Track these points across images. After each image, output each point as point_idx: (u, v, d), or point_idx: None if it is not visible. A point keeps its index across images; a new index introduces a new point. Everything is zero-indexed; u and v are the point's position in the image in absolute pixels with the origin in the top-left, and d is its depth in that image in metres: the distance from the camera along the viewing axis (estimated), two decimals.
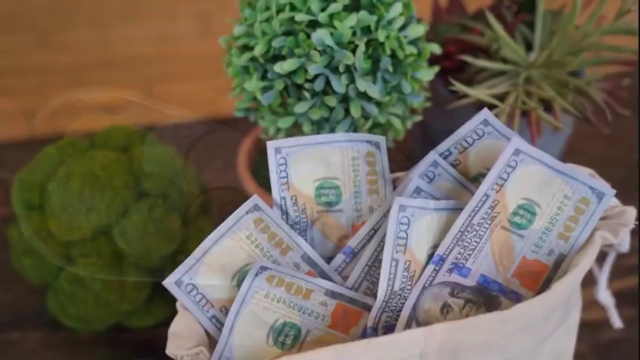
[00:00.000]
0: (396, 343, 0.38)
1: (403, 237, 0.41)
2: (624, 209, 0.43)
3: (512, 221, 0.42)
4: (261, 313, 0.42)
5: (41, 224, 0.54)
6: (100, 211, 0.53)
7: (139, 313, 0.57)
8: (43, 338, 0.62)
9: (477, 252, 0.41)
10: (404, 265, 0.41)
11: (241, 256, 0.43)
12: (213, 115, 0.86)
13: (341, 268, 0.44)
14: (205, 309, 0.42)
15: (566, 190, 0.42)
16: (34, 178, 0.56)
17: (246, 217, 0.43)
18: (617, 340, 0.63)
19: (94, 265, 0.53)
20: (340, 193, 0.45)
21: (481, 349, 0.39)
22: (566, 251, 0.42)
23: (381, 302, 0.41)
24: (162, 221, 0.54)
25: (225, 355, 0.41)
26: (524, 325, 0.39)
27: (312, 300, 0.42)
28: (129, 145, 0.58)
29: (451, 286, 0.42)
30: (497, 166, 0.41)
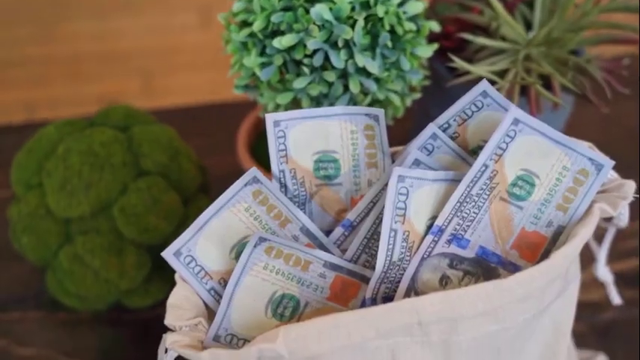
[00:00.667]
0: (394, 312, 0.38)
1: (402, 207, 0.41)
2: (623, 182, 0.43)
3: (511, 192, 0.42)
4: (260, 285, 0.42)
5: (40, 202, 0.54)
6: (98, 189, 0.53)
7: (138, 292, 0.57)
8: (42, 318, 0.62)
9: (475, 223, 0.41)
10: (402, 235, 0.41)
11: (240, 229, 0.43)
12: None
13: (340, 241, 0.44)
14: (204, 281, 0.43)
15: (565, 162, 0.42)
16: (33, 157, 0.56)
17: (245, 190, 0.43)
18: (617, 321, 0.63)
19: (92, 242, 0.53)
20: (339, 166, 0.45)
21: (480, 319, 0.39)
22: (564, 223, 0.42)
23: (380, 273, 0.41)
24: (161, 199, 0.54)
25: (224, 327, 0.41)
26: (523, 294, 0.39)
27: (311, 272, 0.42)
28: (128, 124, 0.58)
29: (450, 257, 0.42)
30: (495, 136, 0.40)
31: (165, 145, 0.56)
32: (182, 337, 0.40)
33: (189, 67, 1.68)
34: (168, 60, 1.72)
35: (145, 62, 1.70)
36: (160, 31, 1.72)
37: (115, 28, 1.72)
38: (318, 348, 0.39)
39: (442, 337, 0.39)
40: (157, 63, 1.72)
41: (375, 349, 0.40)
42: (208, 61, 1.57)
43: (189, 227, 0.42)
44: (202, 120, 0.82)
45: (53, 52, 1.70)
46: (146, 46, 1.73)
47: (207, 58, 1.67)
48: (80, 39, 1.70)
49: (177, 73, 1.68)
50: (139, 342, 0.61)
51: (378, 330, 0.38)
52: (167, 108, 0.82)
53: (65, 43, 1.71)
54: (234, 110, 0.80)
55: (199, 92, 1.38)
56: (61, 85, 1.68)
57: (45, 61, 1.67)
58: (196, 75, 1.64)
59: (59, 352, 0.60)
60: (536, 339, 0.44)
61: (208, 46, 1.62)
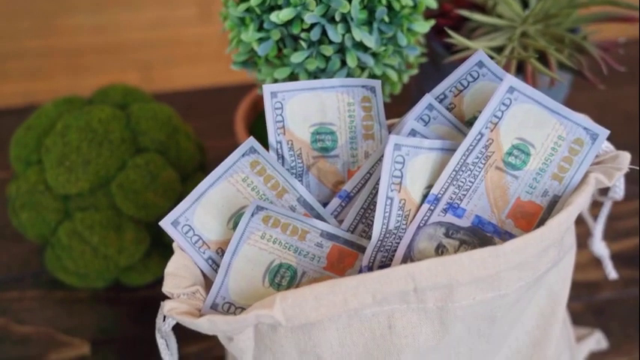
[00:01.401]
0: (390, 277, 0.38)
1: (398, 175, 0.41)
2: (618, 153, 0.44)
3: (506, 161, 0.42)
4: (257, 254, 0.42)
5: (39, 178, 0.54)
6: (97, 165, 0.53)
7: (137, 269, 0.57)
8: (41, 297, 0.62)
9: (471, 192, 0.42)
10: (399, 203, 0.41)
11: (238, 199, 0.43)
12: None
13: (336, 212, 0.45)
14: (201, 250, 0.43)
15: (560, 131, 0.42)
16: (32, 134, 0.56)
17: (243, 160, 0.44)
18: (613, 300, 0.63)
19: (91, 219, 0.54)
20: (336, 138, 0.45)
21: (475, 285, 0.39)
22: (560, 192, 0.42)
23: (376, 241, 0.41)
24: (159, 176, 0.54)
25: (221, 295, 0.42)
26: (518, 261, 0.39)
27: (308, 241, 0.42)
28: (126, 102, 0.58)
29: (446, 226, 0.42)
30: (491, 104, 0.41)
31: (163, 122, 0.56)
32: (180, 305, 0.40)
33: (189, 60, 1.68)
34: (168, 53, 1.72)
35: (144, 55, 1.70)
36: (159, 25, 1.72)
37: (115, 21, 1.72)
38: (315, 314, 0.39)
39: (438, 304, 0.39)
40: (157, 56, 1.72)
41: (371, 316, 0.40)
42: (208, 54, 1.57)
43: (186, 197, 0.43)
44: (201, 104, 0.82)
45: (53, 45, 1.70)
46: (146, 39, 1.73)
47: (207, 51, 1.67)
48: (80, 32, 1.70)
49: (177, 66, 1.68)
50: (137, 320, 0.61)
51: (375, 296, 0.39)
52: (166, 92, 0.83)
53: (65, 35, 1.71)
54: (233, 94, 0.81)
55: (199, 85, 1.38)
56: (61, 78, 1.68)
57: (44, 54, 1.67)
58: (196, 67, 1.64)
59: (57, 329, 0.60)
60: (532, 309, 0.44)
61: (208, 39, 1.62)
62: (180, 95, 0.84)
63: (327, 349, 0.41)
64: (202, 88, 0.85)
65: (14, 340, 0.60)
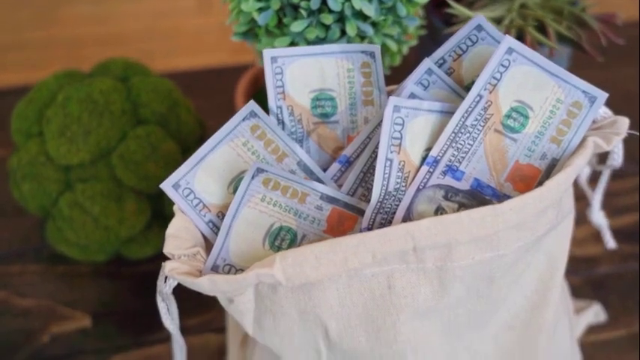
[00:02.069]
0: (390, 236, 0.38)
1: (397, 137, 0.41)
2: (616, 119, 0.44)
3: (505, 124, 0.42)
4: (258, 217, 0.42)
5: (40, 149, 0.55)
6: (98, 135, 0.53)
7: (138, 241, 0.58)
8: (42, 271, 0.63)
9: (470, 155, 0.42)
10: (398, 165, 0.41)
11: (238, 163, 0.44)
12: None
13: (336, 177, 0.45)
14: (202, 213, 0.43)
15: (559, 94, 0.42)
16: (33, 107, 0.56)
17: (243, 124, 0.44)
18: (612, 275, 0.63)
19: (92, 189, 0.54)
20: (336, 104, 0.46)
21: (474, 245, 0.39)
22: (558, 155, 0.42)
23: (376, 202, 0.41)
24: (159, 147, 0.55)
25: (222, 257, 0.42)
26: (517, 221, 0.39)
27: (308, 204, 0.43)
28: (127, 75, 0.58)
29: (445, 189, 0.42)
30: (490, 65, 0.41)
31: (163, 95, 0.57)
32: (181, 265, 0.40)
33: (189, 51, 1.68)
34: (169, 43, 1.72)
35: (145, 45, 1.70)
36: (159, 16, 1.73)
37: (115, 12, 1.72)
38: (315, 274, 0.39)
39: (437, 263, 0.40)
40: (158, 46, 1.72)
41: (371, 276, 0.40)
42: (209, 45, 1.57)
43: (187, 160, 0.43)
44: (201, 84, 0.83)
45: (53, 36, 1.70)
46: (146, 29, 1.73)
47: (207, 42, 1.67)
48: (80, 23, 1.70)
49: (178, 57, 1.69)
50: (138, 294, 0.61)
51: (374, 256, 0.39)
52: (167, 72, 0.83)
53: (65, 26, 1.71)
54: (233, 75, 0.81)
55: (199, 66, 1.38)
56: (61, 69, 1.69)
57: (45, 45, 1.67)
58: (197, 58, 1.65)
59: (59, 302, 0.61)
60: (530, 273, 0.45)
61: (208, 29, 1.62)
62: (180, 76, 0.84)
63: (327, 310, 0.41)
64: (202, 69, 0.85)
65: (15, 313, 0.60)
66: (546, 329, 0.46)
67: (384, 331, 0.41)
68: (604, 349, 0.58)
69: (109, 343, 0.59)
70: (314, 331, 0.42)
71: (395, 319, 0.41)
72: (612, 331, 0.59)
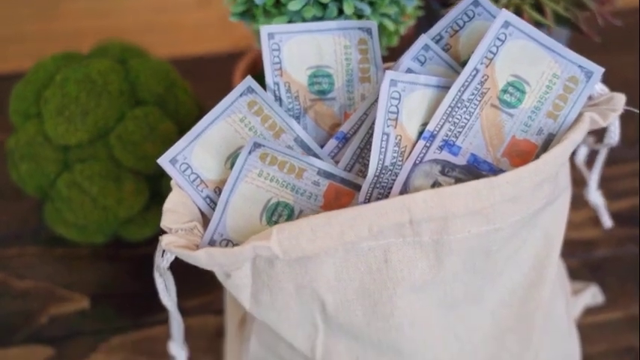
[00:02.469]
0: (386, 209, 0.39)
1: (394, 111, 0.41)
2: (613, 95, 0.44)
3: (501, 99, 0.42)
4: (255, 192, 0.42)
5: (38, 130, 0.55)
6: (96, 115, 0.54)
7: (136, 222, 0.58)
8: (40, 253, 0.63)
9: (467, 129, 0.42)
10: (395, 139, 0.41)
11: (235, 139, 0.44)
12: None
13: (333, 153, 0.45)
14: (199, 189, 0.43)
15: (555, 69, 0.42)
16: (31, 87, 0.56)
17: (240, 100, 0.44)
18: (609, 258, 0.63)
19: (91, 169, 0.54)
20: (333, 81, 0.46)
21: (470, 217, 0.39)
22: (555, 130, 0.42)
23: (372, 177, 0.41)
24: (157, 128, 0.55)
25: (219, 232, 0.42)
26: (513, 194, 0.39)
27: (305, 179, 0.43)
28: (125, 57, 0.58)
29: (442, 164, 0.42)
30: (486, 39, 0.41)
31: (161, 75, 0.57)
32: (178, 239, 0.40)
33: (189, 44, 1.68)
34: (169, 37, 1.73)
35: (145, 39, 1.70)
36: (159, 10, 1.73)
37: (116, 6, 1.72)
38: (312, 247, 0.39)
39: (433, 237, 0.40)
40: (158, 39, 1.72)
41: (367, 250, 0.40)
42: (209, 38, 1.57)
43: (184, 135, 0.43)
44: (200, 69, 0.83)
45: (54, 29, 1.71)
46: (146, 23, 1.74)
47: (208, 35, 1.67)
48: (81, 16, 1.70)
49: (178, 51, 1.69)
50: (136, 276, 0.62)
51: (371, 229, 0.39)
52: (165, 58, 0.83)
53: (66, 20, 1.72)
54: (232, 61, 0.81)
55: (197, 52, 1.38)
56: None
57: (46, 38, 1.68)
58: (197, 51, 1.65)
59: (57, 284, 0.61)
60: (527, 249, 0.45)
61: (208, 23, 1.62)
62: (179, 62, 0.84)
63: (323, 284, 0.41)
64: (200, 55, 0.85)
65: (14, 294, 0.60)
66: (543, 306, 0.46)
67: (380, 305, 0.41)
68: (601, 331, 0.58)
69: (107, 324, 0.59)
70: (311, 305, 0.42)
71: (391, 293, 0.41)
72: (610, 312, 0.59)
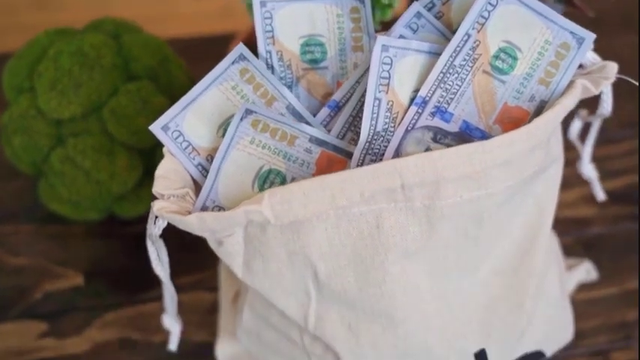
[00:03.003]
0: (378, 173, 0.39)
1: (386, 77, 0.41)
2: (605, 64, 0.44)
3: (493, 65, 0.42)
4: (247, 159, 0.42)
5: (31, 104, 0.55)
6: (89, 88, 0.53)
7: (130, 198, 0.58)
8: (34, 231, 0.63)
9: (459, 96, 0.42)
10: (386, 105, 0.41)
11: (227, 107, 0.44)
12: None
13: (326, 122, 0.45)
14: (191, 156, 0.43)
15: (547, 35, 0.42)
16: (24, 62, 0.56)
17: (232, 68, 0.44)
18: (604, 235, 0.63)
19: (84, 143, 0.54)
20: (325, 50, 0.46)
21: (462, 182, 0.39)
22: (547, 97, 0.42)
23: (364, 143, 0.41)
24: (150, 102, 0.55)
25: (211, 198, 0.42)
26: (504, 159, 0.39)
27: (297, 147, 0.43)
28: (118, 33, 0.58)
29: (434, 130, 0.42)
30: (477, 3, 0.41)
31: (154, 50, 0.57)
32: (170, 205, 0.40)
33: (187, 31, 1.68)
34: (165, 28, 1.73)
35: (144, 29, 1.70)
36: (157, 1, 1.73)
37: None
38: (304, 211, 0.39)
39: (425, 202, 0.40)
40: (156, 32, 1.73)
41: (359, 215, 0.40)
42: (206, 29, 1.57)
43: (176, 103, 0.43)
44: (194, 50, 0.82)
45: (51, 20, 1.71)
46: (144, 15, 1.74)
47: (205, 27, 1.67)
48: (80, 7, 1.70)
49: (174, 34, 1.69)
50: (130, 253, 0.62)
51: (362, 193, 0.39)
52: None
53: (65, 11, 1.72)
54: (226, 42, 0.81)
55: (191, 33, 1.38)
56: None
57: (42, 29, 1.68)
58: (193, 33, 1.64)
59: (51, 261, 0.61)
60: (519, 218, 0.45)
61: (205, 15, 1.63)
62: (173, 42, 0.84)
63: (315, 250, 0.41)
64: (195, 36, 0.85)
65: (8, 271, 0.60)
66: (535, 275, 0.46)
67: (372, 271, 0.41)
68: (595, 306, 0.58)
69: (101, 300, 0.59)
70: (303, 272, 0.42)
71: (383, 259, 0.41)
72: (604, 288, 0.59)
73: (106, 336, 0.57)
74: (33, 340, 0.56)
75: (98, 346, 0.56)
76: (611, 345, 0.56)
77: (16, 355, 0.55)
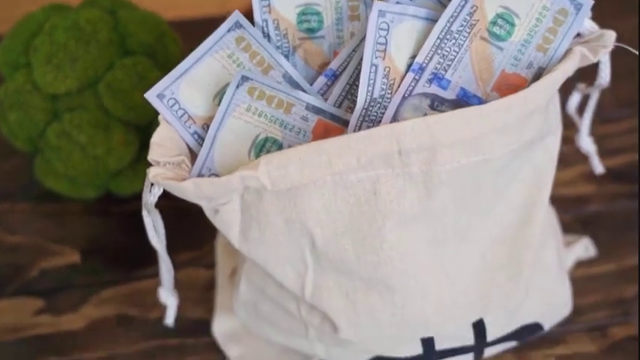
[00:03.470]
0: (374, 137, 0.38)
1: (382, 42, 0.41)
2: (603, 32, 0.44)
3: (491, 31, 0.42)
4: (243, 127, 0.42)
5: (27, 79, 0.54)
6: (85, 63, 0.53)
7: (126, 175, 0.57)
8: (31, 209, 0.63)
9: (456, 62, 0.42)
10: (383, 71, 0.41)
11: (223, 75, 0.44)
12: None
13: (322, 91, 0.45)
14: (187, 125, 0.43)
15: (545, 1, 0.42)
16: (20, 38, 0.56)
17: (228, 36, 0.44)
18: (602, 213, 0.63)
19: (80, 118, 0.54)
20: (322, 19, 0.45)
21: (459, 147, 0.39)
22: (544, 64, 0.42)
23: (361, 109, 0.41)
24: (147, 77, 0.54)
25: (207, 166, 0.42)
26: (502, 124, 0.39)
27: (294, 114, 0.42)
28: (114, 9, 0.58)
29: (431, 97, 0.42)
30: None
31: (151, 26, 0.56)
32: (166, 171, 0.40)
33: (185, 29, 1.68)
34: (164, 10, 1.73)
35: None
36: None
37: None
38: (300, 177, 0.39)
39: (422, 167, 0.40)
40: None
41: (356, 182, 0.40)
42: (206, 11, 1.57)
43: (172, 71, 0.43)
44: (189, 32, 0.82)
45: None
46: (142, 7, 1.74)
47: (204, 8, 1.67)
48: None
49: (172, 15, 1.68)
50: (127, 231, 0.61)
51: (359, 159, 0.39)
52: None
53: None
54: None
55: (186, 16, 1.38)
56: None
57: None
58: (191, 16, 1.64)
59: (47, 239, 0.61)
60: (517, 186, 0.44)
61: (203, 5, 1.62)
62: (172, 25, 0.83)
63: (312, 217, 0.41)
64: (193, 19, 0.84)
65: (4, 248, 0.60)
66: (533, 245, 0.46)
67: (369, 238, 0.41)
68: (594, 283, 0.58)
69: (98, 277, 0.59)
70: (300, 240, 0.42)
71: (380, 225, 0.41)
72: (602, 265, 0.59)
73: (102, 312, 0.56)
74: (29, 317, 0.56)
75: (94, 323, 0.56)
76: (610, 320, 0.56)
77: (12, 331, 0.55)
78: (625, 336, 0.55)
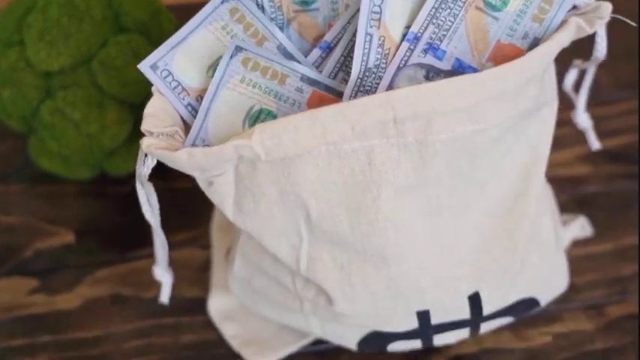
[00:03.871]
0: (369, 105, 0.38)
1: (377, 12, 0.41)
2: (600, 4, 0.43)
3: (486, 1, 0.42)
4: (237, 99, 0.42)
5: (20, 56, 0.54)
6: (78, 40, 0.53)
7: (121, 154, 0.57)
8: (25, 191, 0.62)
9: (451, 33, 0.42)
10: (378, 40, 0.41)
11: (217, 47, 0.43)
12: None
13: (317, 63, 0.44)
14: (181, 96, 0.43)
15: None
16: (13, 16, 0.56)
17: (222, 7, 0.43)
18: (599, 194, 0.63)
19: (73, 95, 0.53)
20: None
21: (454, 116, 0.39)
22: (540, 35, 0.42)
23: (356, 79, 0.41)
24: (141, 54, 0.54)
25: (201, 137, 0.41)
26: (498, 92, 0.39)
27: (288, 86, 0.42)
28: None
29: (426, 68, 0.42)
30: None
31: (145, 3, 0.56)
32: (159, 142, 0.40)
33: None
34: None
35: None
36: None
37: None
38: (294, 147, 0.39)
39: (417, 137, 0.39)
40: None
41: (351, 152, 0.40)
42: None
43: (165, 42, 0.42)
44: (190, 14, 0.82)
45: None
46: None
47: None
48: None
49: None
50: (122, 212, 0.61)
51: (354, 128, 0.39)
52: None
53: None
54: None
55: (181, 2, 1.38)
56: None
57: None
58: None
59: (41, 219, 0.60)
60: (513, 158, 0.44)
61: None
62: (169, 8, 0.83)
63: (306, 188, 0.40)
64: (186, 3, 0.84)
65: None
66: (529, 219, 0.46)
67: (364, 209, 0.41)
68: (590, 262, 0.58)
69: (92, 258, 0.58)
70: (294, 212, 0.42)
71: (375, 196, 0.40)
72: (598, 244, 0.59)
73: (97, 292, 0.56)
74: (23, 296, 0.56)
75: (89, 302, 0.55)
76: (607, 299, 0.55)
77: (7, 310, 0.55)
78: (622, 314, 0.54)
